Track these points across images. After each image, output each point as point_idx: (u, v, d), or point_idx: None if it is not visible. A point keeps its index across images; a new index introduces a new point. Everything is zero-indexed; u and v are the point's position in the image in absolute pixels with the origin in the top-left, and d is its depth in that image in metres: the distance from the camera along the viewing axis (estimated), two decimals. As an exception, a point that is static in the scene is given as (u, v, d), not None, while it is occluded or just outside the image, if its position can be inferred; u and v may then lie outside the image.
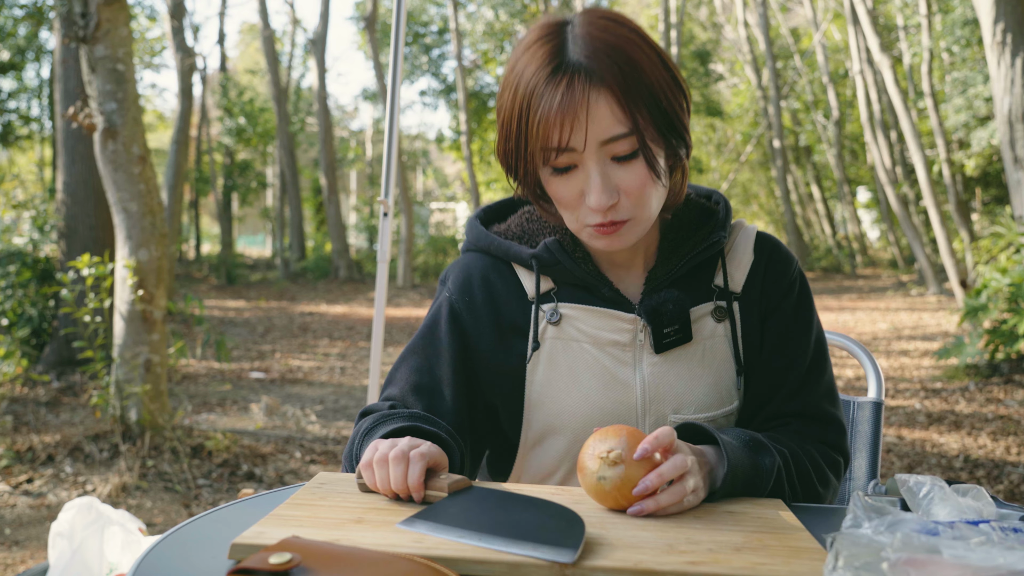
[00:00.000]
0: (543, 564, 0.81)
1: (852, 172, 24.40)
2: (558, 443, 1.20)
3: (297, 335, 10.61)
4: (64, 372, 6.57)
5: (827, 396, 1.25)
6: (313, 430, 5.53)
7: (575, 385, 1.18)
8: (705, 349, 1.20)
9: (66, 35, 4.40)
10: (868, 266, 23.51)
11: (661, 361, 1.18)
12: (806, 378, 1.24)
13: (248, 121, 22.44)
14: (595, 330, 1.18)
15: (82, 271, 4.36)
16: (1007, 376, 6.79)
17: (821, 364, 1.26)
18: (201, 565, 0.86)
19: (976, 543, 0.73)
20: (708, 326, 1.21)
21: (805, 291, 1.27)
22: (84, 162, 6.64)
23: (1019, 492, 4.21)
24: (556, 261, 1.18)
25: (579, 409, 1.18)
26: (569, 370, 1.18)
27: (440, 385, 1.21)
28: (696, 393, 1.19)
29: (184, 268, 21.51)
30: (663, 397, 1.18)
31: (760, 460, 1.10)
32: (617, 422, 1.17)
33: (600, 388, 1.17)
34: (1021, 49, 6.98)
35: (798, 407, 1.23)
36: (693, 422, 1.12)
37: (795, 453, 1.16)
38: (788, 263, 1.26)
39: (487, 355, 1.22)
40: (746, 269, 1.24)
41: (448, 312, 1.23)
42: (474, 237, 1.27)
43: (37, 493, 4.04)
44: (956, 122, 13.31)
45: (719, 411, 1.20)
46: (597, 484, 0.96)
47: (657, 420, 1.18)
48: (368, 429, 1.13)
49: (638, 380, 1.18)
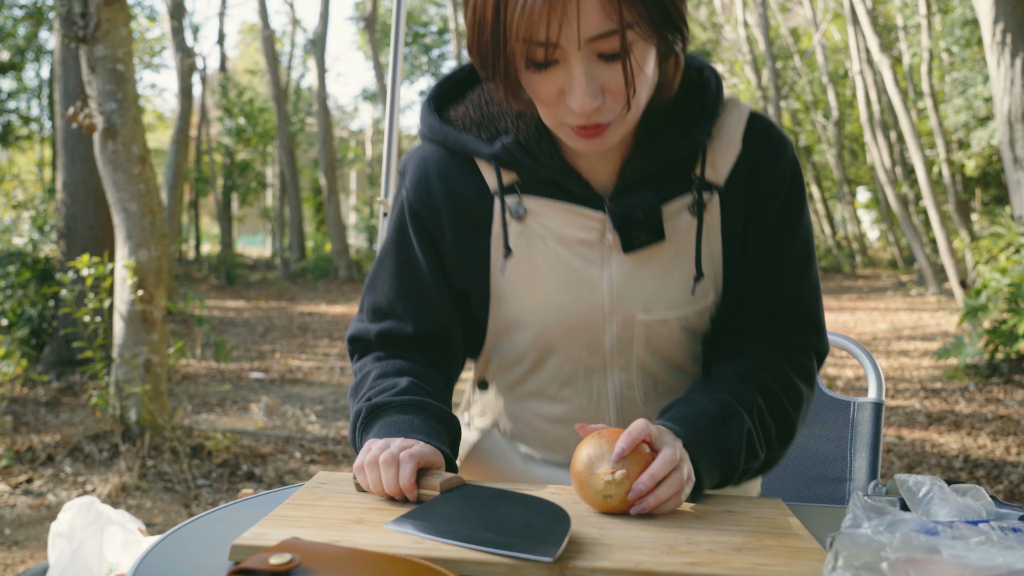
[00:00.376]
0: (540, 564, 0.81)
1: (852, 172, 24.41)
2: (524, 335, 1.17)
3: (297, 335, 10.61)
4: (64, 372, 6.57)
5: (809, 295, 1.17)
6: (313, 430, 5.53)
7: (539, 283, 1.13)
8: (679, 245, 1.12)
9: (66, 35, 4.40)
10: (868, 266, 23.52)
11: (631, 260, 1.11)
12: (789, 276, 1.16)
13: (248, 121, 22.44)
14: (561, 227, 1.11)
15: (82, 271, 4.36)
16: (1007, 376, 6.79)
17: (806, 263, 1.17)
18: (201, 565, 0.86)
19: (975, 543, 0.73)
20: (684, 221, 1.12)
21: (796, 185, 1.17)
22: (84, 162, 6.64)
23: (1019, 492, 4.21)
24: (517, 161, 1.10)
25: (543, 308, 1.14)
26: (533, 268, 1.13)
27: (421, 287, 1.17)
28: (667, 291, 1.12)
29: (184, 268, 21.51)
30: (631, 296, 1.12)
31: (727, 438, 1.06)
32: (583, 321, 1.13)
33: (565, 287, 1.12)
34: (1021, 49, 6.98)
35: (777, 306, 1.16)
36: (663, 424, 1.05)
37: (761, 401, 1.11)
38: (780, 154, 1.15)
39: (452, 252, 1.17)
40: (732, 160, 1.13)
41: (409, 214, 1.17)
42: (427, 128, 1.17)
43: (37, 493, 4.04)
44: (956, 122, 13.31)
45: (692, 308, 1.14)
46: (603, 501, 0.96)
47: (624, 320, 1.13)
48: (364, 422, 1.11)
49: (605, 280, 1.12)
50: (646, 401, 1.19)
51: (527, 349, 1.18)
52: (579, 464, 0.98)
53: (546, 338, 1.15)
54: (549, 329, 1.14)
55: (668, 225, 1.11)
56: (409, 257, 1.18)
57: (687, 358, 1.19)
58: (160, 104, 37.74)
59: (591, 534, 0.90)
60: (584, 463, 0.97)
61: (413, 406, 1.09)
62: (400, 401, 1.10)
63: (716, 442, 1.05)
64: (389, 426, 1.07)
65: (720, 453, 1.05)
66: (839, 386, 6.97)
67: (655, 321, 1.13)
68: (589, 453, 0.97)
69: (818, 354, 1.19)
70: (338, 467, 4.72)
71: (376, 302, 1.21)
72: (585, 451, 0.98)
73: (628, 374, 1.17)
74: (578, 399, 1.18)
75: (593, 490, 0.96)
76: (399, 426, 1.06)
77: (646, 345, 1.15)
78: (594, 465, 0.96)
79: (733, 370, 1.13)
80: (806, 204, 1.18)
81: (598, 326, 1.14)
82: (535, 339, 1.16)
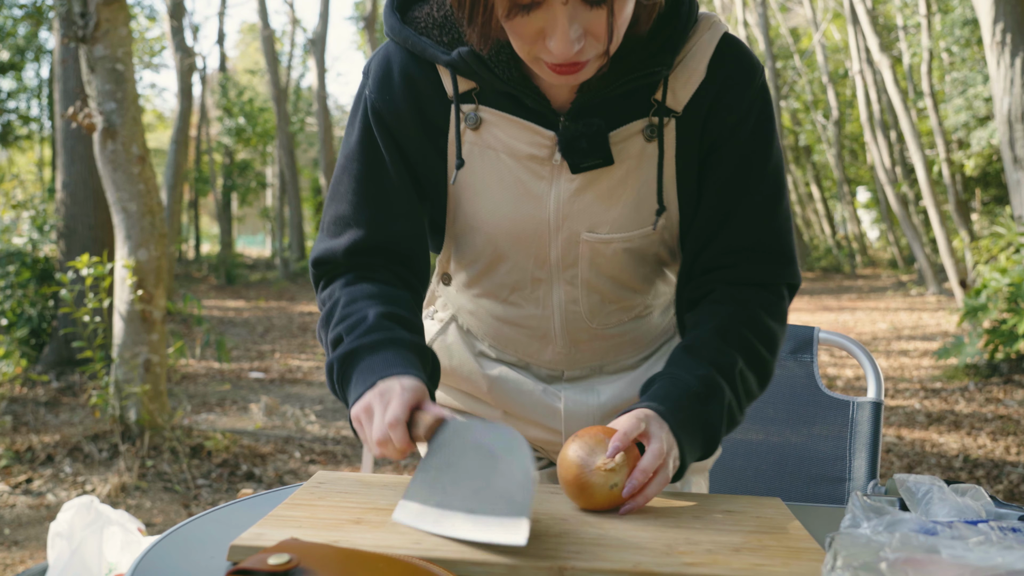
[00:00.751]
0: (539, 566, 0.81)
1: (852, 172, 24.41)
2: (477, 239, 1.18)
3: (296, 335, 10.61)
4: (63, 372, 6.57)
5: (781, 229, 1.16)
6: (312, 430, 5.53)
7: (488, 194, 1.14)
8: (629, 169, 1.11)
9: (65, 35, 4.40)
10: (868, 266, 23.52)
11: (579, 179, 1.11)
12: (760, 210, 1.15)
13: (248, 121, 22.44)
14: (513, 141, 1.11)
15: (81, 271, 4.36)
16: (1007, 376, 6.79)
17: (777, 196, 1.15)
18: (200, 565, 0.86)
19: (974, 543, 0.73)
20: (637, 145, 1.11)
21: (765, 115, 1.13)
22: (83, 162, 6.64)
23: (1019, 492, 4.21)
24: (473, 71, 1.09)
25: (491, 218, 1.14)
26: (484, 178, 1.13)
27: (388, 191, 1.15)
28: (613, 214, 1.13)
29: (183, 268, 21.51)
30: (577, 215, 1.12)
31: (710, 415, 1.06)
32: (529, 235, 1.14)
33: (513, 200, 1.13)
34: (1021, 49, 6.98)
35: (748, 242, 1.14)
36: (647, 407, 1.04)
37: (741, 362, 1.10)
38: (747, 83, 1.12)
39: (411, 153, 1.16)
40: (693, 87, 1.10)
41: (373, 114, 1.15)
42: (388, 28, 1.15)
43: (36, 493, 4.04)
44: (956, 122, 13.31)
45: (637, 231, 1.14)
46: (610, 492, 0.95)
47: (569, 237, 1.13)
48: (341, 373, 1.07)
49: (552, 196, 1.12)
50: (591, 317, 1.20)
51: (479, 253, 1.19)
52: (572, 468, 0.97)
53: (496, 244, 1.17)
54: (498, 237, 1.16)
55: (619, 148, 1.10)
56: (374, 159, 1.15)
57: (634, 279, 1.20)
58: (160, 104, 37.77)
59: (591, 534, 0.90)
60: (578, 464, 0.97)
61: (383, 343, 1.06)
62: (371, 342, 1.06)
63: (699, 420, 1.05)
64: (365, 372, 1.04)
65: (703, 430, 1.05)
66: (839, 386, 6.97)
67: (599, 241, 1.14)
68: (579, 455, 0.97)
69: (790, 287, 1.18)
70: (338, 467, 4.72)
71: (340, 212, 1.16)
72: (574, 454, 0.97)
73: (574, 288, 1.18)
74: (527, 305, 1.20)
75: (597, 485, 0.95)
76: (375, 368, 1.03)
77: (591, 264, 1.16)
78: (589, 463, 0.96)
79: (711, 327, 1.12)
80: (776, 135, 1.16)
81: (544, 240, 1.14)
82: (486, 244, 1.17)
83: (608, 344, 1.24)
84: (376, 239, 1.15)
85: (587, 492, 0.96)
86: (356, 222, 1.15)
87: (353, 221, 1.15)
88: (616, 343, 1.24)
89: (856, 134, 22.59)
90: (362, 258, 1.15)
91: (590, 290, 1.18)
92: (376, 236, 1.15)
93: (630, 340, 1.25)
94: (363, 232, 1.15)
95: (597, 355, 1.25)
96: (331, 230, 1.17)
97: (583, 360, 1.25)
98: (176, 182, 12.84)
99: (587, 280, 1.17)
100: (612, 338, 1.23)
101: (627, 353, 1.26)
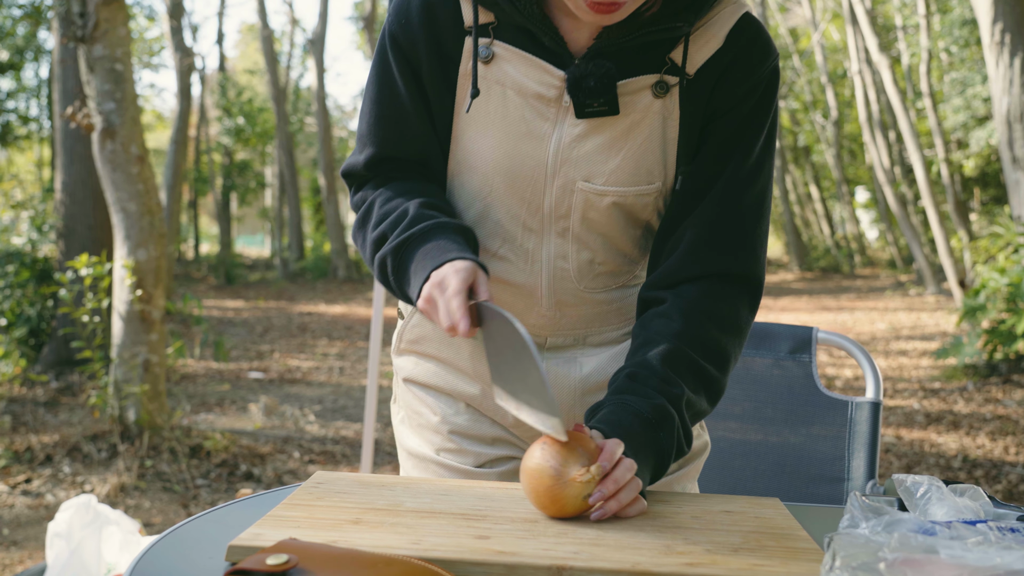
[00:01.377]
0: (538, 565, 0.81)
1: (851, 172, 24.42)
2: (472, 180, 1.18)
3: (296, 335, 10.61)
4: (62, 372, 6.57)
5: (750, 215, 1.14)
6: (312, 430, 5.53)
7: (491, 128, 1.14)
8: (634, 123, 1.12)
9: (64, 35, 4.40)
10: (866, 266, 23.54)
11: (583, 126, 1.12)
12: (734, 188, 1.13)
13: (247, 121, 22.44)
14: (523, 78, 1.12)
15: (80, 271, 4.36)
16: (1005, 376, 6.80)
17: (753, 178, 1.14)
18: (199, 565, 0.86)
19: (973, 543, 0.73)
20: (645, 100, 1.12)
21: (767, 97, 1.15)
22: (82, 162, 6.64)
23: (1017, 492, 4.22)
24: (495, 3, 1.10)
25: (490, 155, 1.15)
26: (488, 114, 1.14)
27: (401, 113, 1.18)
28: (611, 165, 1.13)
29: (183, 268, 21.51)
30: (575, 162, 1.13)
31: (661, 442, 1.05)
32: (525, 177, 1.14)
33: (514, 138, 1.13)
34: (1020, 49, 6.98)
35: (714, 220, 1.13)
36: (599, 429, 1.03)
37: (689, 392, 1.09)
38: (761, 61, 1.14)
39: (424, 81, 1.18)
40: (709, 53, 1.12)
41: (390, 39, 1.17)
42: None
43: (35, 493, 4.04)
44: (955, 122, 13.33)
45: (633, 188, 1.14)
46: (582, 503, 0.94)
47: (564, 185, 1.14)
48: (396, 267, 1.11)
49: (554, 139, 1.12)
50: (580, 276, 1.19)
51: (473, 197, 1.19)
52: (546, 479, 0.94)
53: (491, 186, 1.16)
54: (494, 178, 1.16)
55: (626, 100, 1.11)
56: (388, 83, 1.18)
57: (625, 240, 1.19)
58: (159, 104, 37.74)
59: (590, 534, 0.90)
60: (551, 476, 0.94)
61: (431, 230, 1.10)
62: (418, 231, 1.10)
63: (653, 446, 1.04)
64: (421, 260, 1.08)
65: (655, 456, 1.05)
66: (837, 386, 6.98)
67: (593, 192, 1.13)
68: (552, 464, 0.94)
69: (750, 284, 1.15)
70: (336, 467, 4.72)
71: (361, 131, 1.21)
72: (546, 463, 0.95)
73: (564, 242, 1.17)
74: (516, 260, 1.19)
75: (571, 496, 0.93)
76: (429, 255, 1.07)
77: (583, 217, 1.15)
78: (563, 473, 0.93)
79: (658, 352, 1.10)
80: (773, 125, 1.16)
81: (539, 184, 1.15)
82: (481, 185, 1.17)
83: (594, 311, 1.22)
84: (391, 154, 1.19)
85: (559, 502, 0.94)
86: (372, 141, 1.20)
87: (369, 140, 1.20)
88: (602, 311, 1.23)
89: (855, 134, 22.60)
90: (382, 167, 1.20)
91: (581, 246, 1.17)
92: (391, 151, 1.19)
93: (616, 309, 1.24)
94: (378, 149, 1.19)
95: (582, 322, 1.23)
96: (356, 148, 1.23)
97: (568, 327, 1.23)
98: (175, 182, 12.84)
99: (578, 235, 1.17)
100: (599, 304, 1.22)
101: (612, 323, 1.24)
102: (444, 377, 1.27)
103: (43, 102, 17.48)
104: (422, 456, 1.27)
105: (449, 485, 1.08)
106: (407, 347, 1.31)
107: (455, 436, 1.25)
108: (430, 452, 1.26)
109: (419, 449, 1.28)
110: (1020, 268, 6.48)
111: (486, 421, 1.26)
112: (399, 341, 1.32)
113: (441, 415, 1.26)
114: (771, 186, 1.18)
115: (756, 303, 1.17)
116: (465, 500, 1.01)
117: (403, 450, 1.32)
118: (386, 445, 5.21)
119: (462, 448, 1.25)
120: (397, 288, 1.13)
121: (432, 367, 1.28)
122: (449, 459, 1.25)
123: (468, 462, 1.24)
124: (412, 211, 1.12)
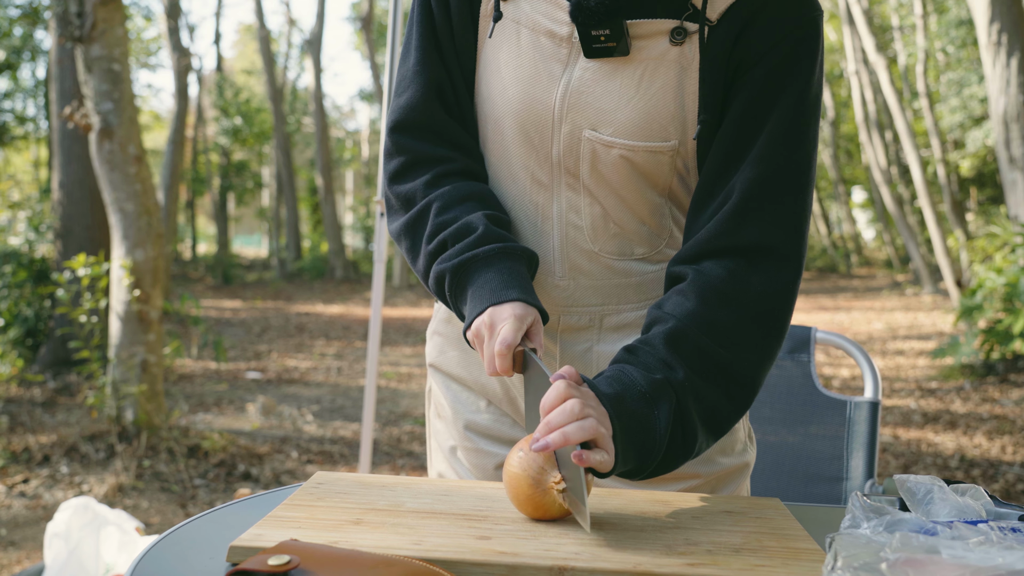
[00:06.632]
0: (539, 565, 0.81)
1: (847, 172, 24.45)
2: (487, 129, 1.17)
3: (293, 335, 10.60)
4: (60, 372, 6.56)
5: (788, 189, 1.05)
6: (309, 430, 5.53)
7: (504, 71, 1.12)
8: (648, 70, 1.06)
9: (62, 35, 4.39)
10: (863, 266, 23.56)
11: (595, 68, 1.07)
12: (775, 150, 1.04)
13: (244, 121, 22.42)
14: (536, 14, 1.09)
15: (78, 271, 4.35)
16: (1002, 375, 6.81)
17: (792, 148, 1.05)
18: (199, 566, 0.85)
19: (975, 543, 0.73)
20: (660, 46, 1.05)
21: (803, 55, 1.04)
22: (80, 162, 6.63)
23: (1015, 491, 4.22)
24: None
25: (500, 99, 1.13)
26: (503, 53, 1.12)
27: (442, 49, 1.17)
28: (619, 116, 1.07)
29: (180, 268, 21.49)
30: (582, 108, 1.08)
31: (656, 420, 0.96)
32: (533, 122, 1.11)
33: (524, 80, 1.11)
34: (1016, 49, 6.99)
35: (750, 189, 1.04)
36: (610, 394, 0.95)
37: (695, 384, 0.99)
38: (792, 12, 1.04)
39: (454, 25, 1.17)
40: None
41: None
42: None
43: (33, 494, 4.03)
44: (951, 122, 13.35)
45: (642, 143, 1.07)
46: (560, 509, 0.94)
47: (571, 132, 1.09)
48: (453, 284, 1.08)
49: (563, 81, 1.08)
50: (593, 237, 1.13)
51: (485, 146, 1.18)
52: (525, 487, 0.94)
53: (502, 133, 1.14)
54: (504, 121, 1.14)
55: (640, 45, 1.06)
56: (428, 20, 1.18)
57: (640, 203, 1.12)
58: (156, 104, 37.69)
59: (590, 534, 0.90)
60: (530, 485, 0.93)
61: (496, 256, 1.06)
62: (483, 254, 1.06)
63: (641, 421, 0.96)
64: (480, 289, 1.04)
65: (642, 432, 0.95)
66: (835, 385, 6.98)
67: (600, 142, 1.08)
68: (530, 473, 0.93)
69: (784, 262, 1.05)
70: (335, 467, 4.72)
71: (402, 73, 1.19)
72: (523, 471, 0.94)
73: (575, 195, 1.12)
74: (526, 217, 1.15)
75: (550, 502, 0.93)
76: (489, 286, 1.04)
77: (592, 168, 1.10)
78: (541, 481, 0.93)
79: (670, 323, 1.02)
80: (815, 85, 1.06)
81: (547, 131, 1.10)
82: (493, 133, 1.16)
83: (610, 284, 1.15)
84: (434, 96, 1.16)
85: (541, 508, 0.94)
86: (417, 80, 1.17)
87: (415, 80, 1.17)
88: (619, 283, 1.15)
89: (852, 134, 22.63)
90: (427, 136, 1.17)
91: (592, 200, 1.12)
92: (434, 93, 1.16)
93: (635, 284, 1.15)
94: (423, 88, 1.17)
95: (598, 296, 1.15)
96: (397, 91, 1.20)
97: (583, 301, 1.15)
98: (173, 182, 12.82)
99: (589, 187, 1.11)
100: (615, 275, 1.15)
101: (631, 300, 1.16)
102: (468, 368, 1.24)
103: (40, 102, 17.45)
104: (446, 448, 1.28)
105: (450, 485, 1.09)
106: (438, 327, 1.29)
107: (471, 434, 1.23)
108: (450, 445, 1.27)
109: (442, 440, 1.29)
110: (1017, 268, 6.49)
111: (507, 421, 1.23)
112: (434, 320, 1.31)
113: (460, 410, 1.25)
114: (814, 157, 1.08)
115: (791, 283, 1.05)
116: (466, 500, 1.01)
117: (431, 438, 1.32)
118: (384, 445, 5.21)
119: (479, 448, 1.23)
120: (452, 304, 1.10)
121: (457, 356, 1.25)
122: (466, 458, 1.24)
123: (487, 463, 1.23)
124: (480, 228, 1.07)
